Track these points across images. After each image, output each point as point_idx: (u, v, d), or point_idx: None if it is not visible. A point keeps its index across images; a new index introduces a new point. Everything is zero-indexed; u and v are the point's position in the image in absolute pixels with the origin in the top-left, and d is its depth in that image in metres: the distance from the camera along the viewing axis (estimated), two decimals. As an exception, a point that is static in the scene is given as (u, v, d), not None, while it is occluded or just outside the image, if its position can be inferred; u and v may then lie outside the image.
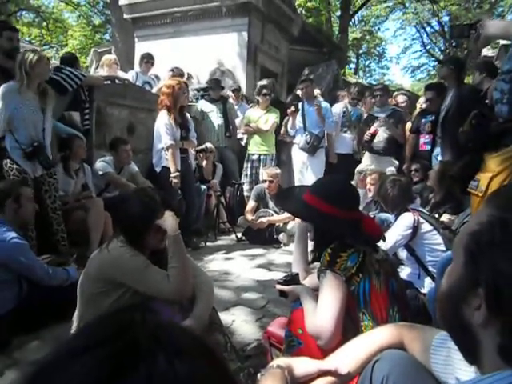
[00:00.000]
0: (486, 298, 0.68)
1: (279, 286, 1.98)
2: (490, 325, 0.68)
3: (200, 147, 5.48)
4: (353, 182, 5.11)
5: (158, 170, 4.74)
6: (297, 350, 1.71)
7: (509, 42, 3.18)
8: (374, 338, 1.27)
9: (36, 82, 3.53)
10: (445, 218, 3.79)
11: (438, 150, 4.69)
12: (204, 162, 5.56)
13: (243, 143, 6.54)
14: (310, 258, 2.06)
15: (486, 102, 3.60)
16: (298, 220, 2.24)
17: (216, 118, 6.12)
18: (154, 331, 0.46)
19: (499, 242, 0.67)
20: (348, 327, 1.60)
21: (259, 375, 1.18)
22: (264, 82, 6.45)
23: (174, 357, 0.43)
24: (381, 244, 2.91)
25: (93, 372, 0.41)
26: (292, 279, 2.00)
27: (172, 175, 4.53)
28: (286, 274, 2.08)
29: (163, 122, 4.60)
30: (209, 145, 5.59)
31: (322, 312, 1.60)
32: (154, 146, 4.77)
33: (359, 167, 5.20)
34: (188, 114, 5.12)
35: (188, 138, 4.88)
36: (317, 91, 6.53)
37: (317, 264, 1.81)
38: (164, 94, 4.67)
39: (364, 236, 1.72)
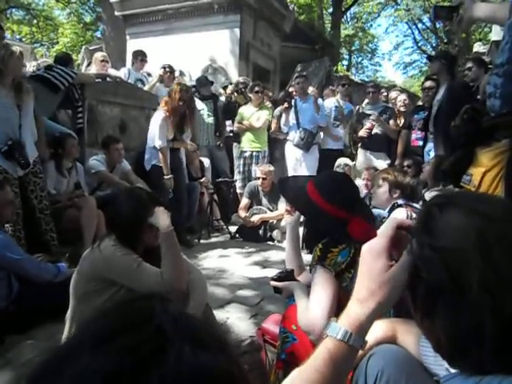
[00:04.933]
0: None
1: (273, 283, 1.98)
2: None
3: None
4: None
5: (148, 167, 4.73)
6: (291, 346, 1.71)
7: (499, 38, 3.19)
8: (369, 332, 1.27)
9: (9, 78, 3.36)
10: None
11: (430, 145, 4.71)
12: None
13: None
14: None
15: (478, 96, 3.61)
16: (288, 216, 2.23)
17: (206, 117, 6.11)
18: (177, 320, 0.46)
19: (417, 253, 0.74)
20: None
21: None
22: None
23: (199, 348, 0.43)
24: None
25: (121, 359, 0.40)
26: (286, 275, 2.00)
27: (165, 178, 4.55)
28: (280, 270, 2.08)
29: (158, 123, 4.61)
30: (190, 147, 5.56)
31: (313, 307, 1.60)
32: (147, 144, 4.77)
33: (337, 162, 5.24)
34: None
35: (179, 138, 4.85)
36: (311, 89, 6.52)
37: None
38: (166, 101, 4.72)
39: (346, 237, 1.68)
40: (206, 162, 5.94)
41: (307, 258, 2.65)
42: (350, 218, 1.70)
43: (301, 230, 2.23)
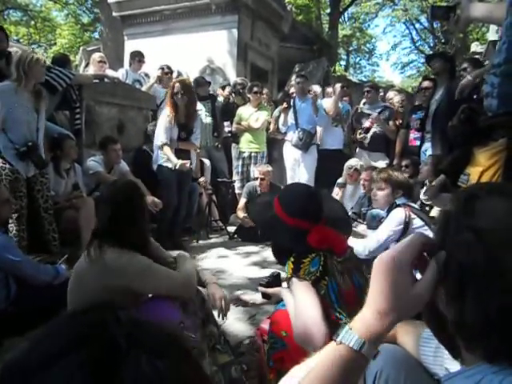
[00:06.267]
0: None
1: (262, 289, 1.97)
2: None
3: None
4: (342, 178, 5.17)
5: (154, 167, 4.74)
6: (280, 352, 1.70)
7: (496, 38, 3.20)
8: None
9: (32, 82, 3.54)
10: (435, 211, 3.81)
11: (426, 145, 4.71)
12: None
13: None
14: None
15: (475, 96, 3.63)
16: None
17: (204, 117, 6.10)
18: (131, 329, 0.44)
19: (453, 235, 0.72)
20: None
21: None
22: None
23: (156, 358, 0.42)
24: (372, 240, 2.94)
25: (75, 378, 0.39)
26: (274, 280, 2.00)
27: (177, 167, 4.52)
28: (267, 275, 2.08)
29: (162, 120, 4.61)
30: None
31: (302, 320, 1.57)
32: (154, 143, 4.79)
33: (348, 162, 5.22)
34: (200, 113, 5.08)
35: (188, 140, 4.83)
36: (311, 89, 6.50)
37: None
38: (169, 94, 4.70)
39: (305, 246, 1.70)
40: (207, 162, 5.94)
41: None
42: (311, 227, 1.72)
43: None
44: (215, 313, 2.07)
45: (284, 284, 2.05)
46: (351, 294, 1.68)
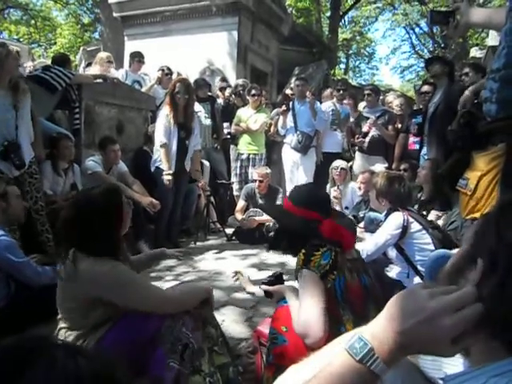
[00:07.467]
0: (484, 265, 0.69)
1: (264, 287, 2.00)
2: None
3: None
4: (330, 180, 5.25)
5: (152, 169, 4.72)
6: (280, 348, 1.71)
7: (496, 43, 3.20)
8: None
9: (6, 78, 3.34)
10: (433, 214, 3.80)
11: (425, 149, 4.71)
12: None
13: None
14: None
15: (475, 101, 3.64)
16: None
17: (203, 119, 6.09)
18: (51, 350, 0.57)
19: (505, 215, 0.72)
20: (330, 324, 1.61)
21: None
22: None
23: (75, 354, 0.55)
24: (370, 243, 2.94)
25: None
26: (276, 279, 2.03)
27: (164, 173, 4.52)
28: (270, 275, 2.10)
29: (161, 120, 4.62)
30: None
31: (305, 310, 1.61)
32: (155, 144, 4.79)
33: (334, 164, 5.27)
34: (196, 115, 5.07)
35: (188, 139, 4.79)
36: (308, 93, 6.50)
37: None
38: (168, 93, 4.70)
39: (317, 236, 1.78)
40: (206, 164, 5.93)
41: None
42: (322, 219, 1.82)
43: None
44: (216, 316, 2.08)
45: (286, 283, 2.07)
46: (357, 292, 1.73)
